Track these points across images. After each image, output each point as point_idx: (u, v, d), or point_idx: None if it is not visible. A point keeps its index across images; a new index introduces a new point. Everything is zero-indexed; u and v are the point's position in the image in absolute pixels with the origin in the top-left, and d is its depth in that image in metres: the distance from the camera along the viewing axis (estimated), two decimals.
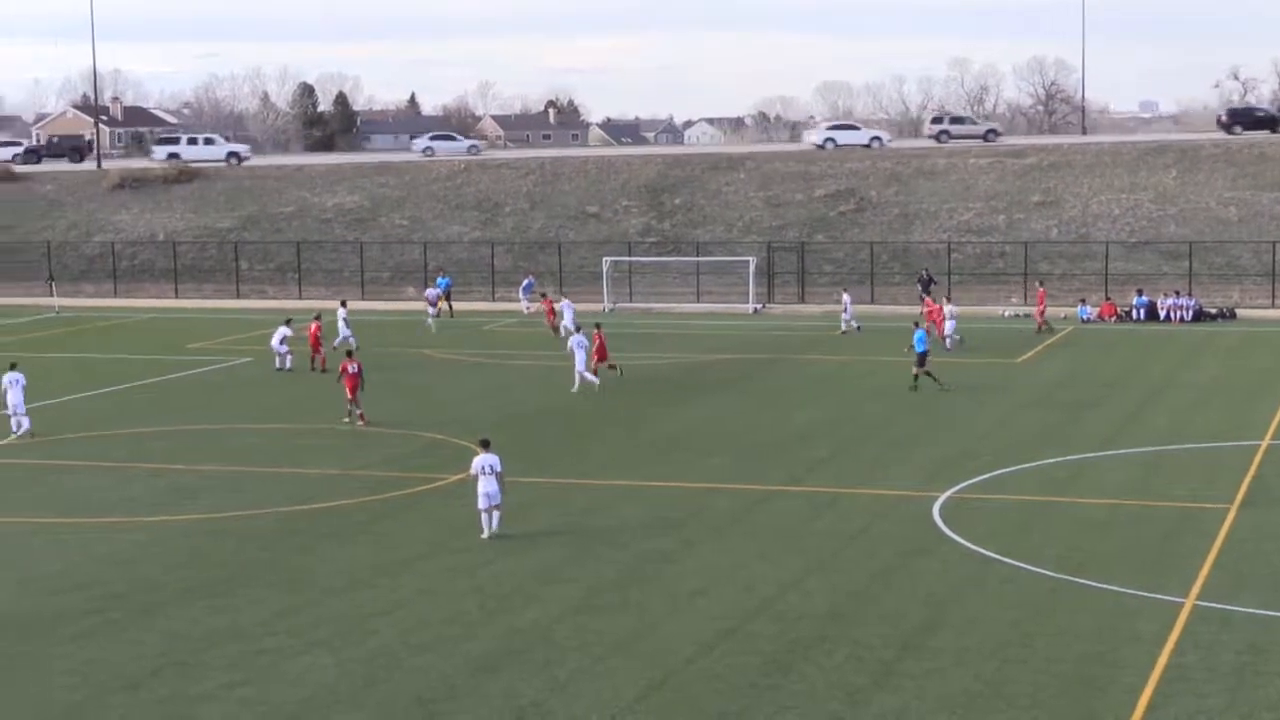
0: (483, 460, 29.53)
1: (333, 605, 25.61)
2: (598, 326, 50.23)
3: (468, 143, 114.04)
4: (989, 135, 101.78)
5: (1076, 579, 26.46)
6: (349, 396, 42.29)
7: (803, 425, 41.75)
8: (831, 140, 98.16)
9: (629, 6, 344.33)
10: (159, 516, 32.18)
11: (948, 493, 33.12)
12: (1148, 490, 33.49)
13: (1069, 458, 37.04)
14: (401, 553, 28.94)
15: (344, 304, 59.74)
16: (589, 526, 30.91)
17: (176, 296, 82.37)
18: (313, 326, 52.06)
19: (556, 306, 61.76)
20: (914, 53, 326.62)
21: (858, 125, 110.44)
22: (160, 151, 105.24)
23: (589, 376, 47.27)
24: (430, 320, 65.03)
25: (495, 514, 29.59)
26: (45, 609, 25.69)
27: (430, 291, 68.08)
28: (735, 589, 26.24)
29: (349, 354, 43.88)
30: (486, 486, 29.39)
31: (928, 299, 59.62)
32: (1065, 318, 66.45)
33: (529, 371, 52.75)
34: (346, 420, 42.33)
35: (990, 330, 63.91)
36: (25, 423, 41.23)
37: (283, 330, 52.61)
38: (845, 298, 63.93)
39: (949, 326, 56.74)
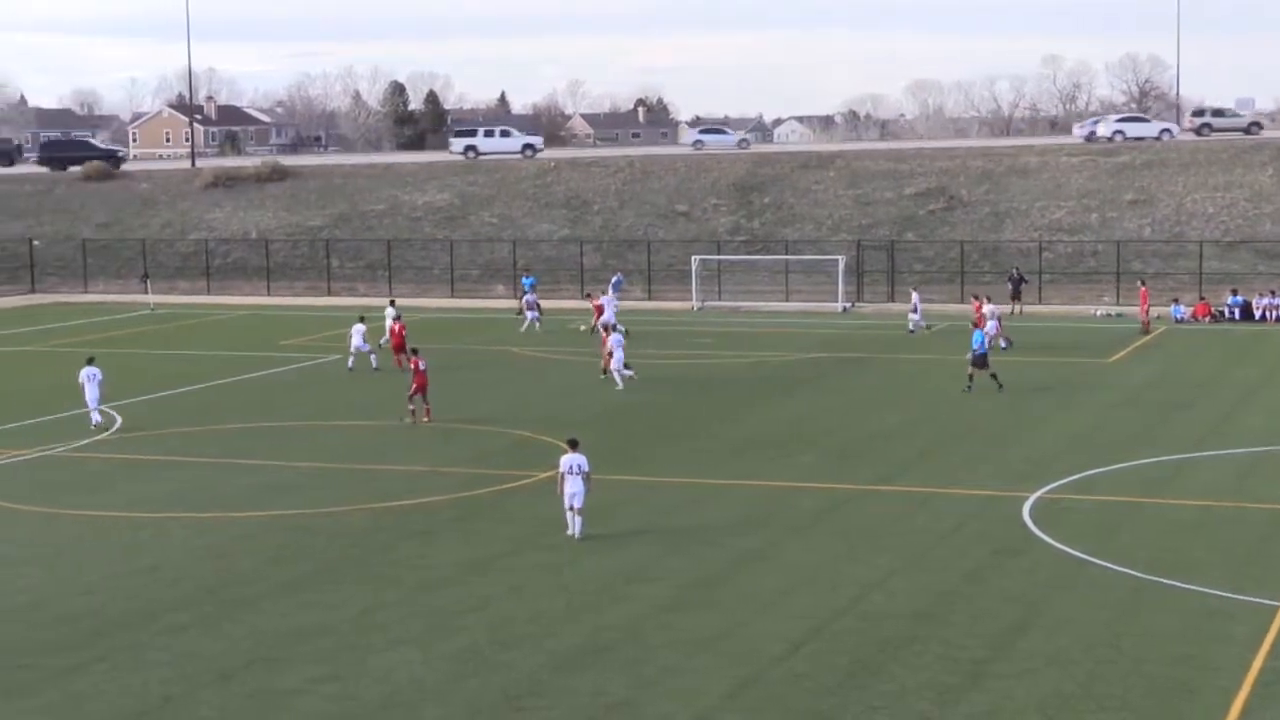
0: (570, 460, 29.48)
1: (421, 602, 25.77)
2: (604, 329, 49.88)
3: (737, 136, 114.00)
4: (1251, 128, 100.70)
5: (1168, 580, 26.19)
6: (414, 393, 42.24)
7: (892, 424, 41.57)
8: (1120, 133, 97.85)
9: (719, 5, 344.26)
10: (251, 512, 32.52)
11: (1038, 493, 32.87)
12: (1241, 492, 33.08)
13: (1161, 458, 36.65)
14: (489, 550, 29.07)
15: (393, 303, 59.73)
16: (676, 525, 30.91)
17: (269, 294, 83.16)
18: (396, 326, 52.07)
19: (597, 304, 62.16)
20: (1006, 50, 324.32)
21: (1148, 117, 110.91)
22: (458, 144, 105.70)
23: (625, 372, 47.69)
24: (532, 320, 63.97)
25: (579, 517, 29.51)
26: (142, 602, 26.02)
27: (528, 297, 66.68)
28: (823, 588, 26.16)
29: (415, 351, 43.82)
30: (573, 486, 29.36)
31: (976, 302, 58.15)
32: (1159, 317, 65.69)
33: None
34: (409, 419, 42.32)
35: (1082, 330, 63.37)
36: (96, 418, 41.81)
37: (360, 328, 52.53)
38: (915, 297, 63.06)
39: (990, 327, 54.55)
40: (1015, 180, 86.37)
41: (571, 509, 29.48)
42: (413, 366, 42.71)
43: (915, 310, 61.88)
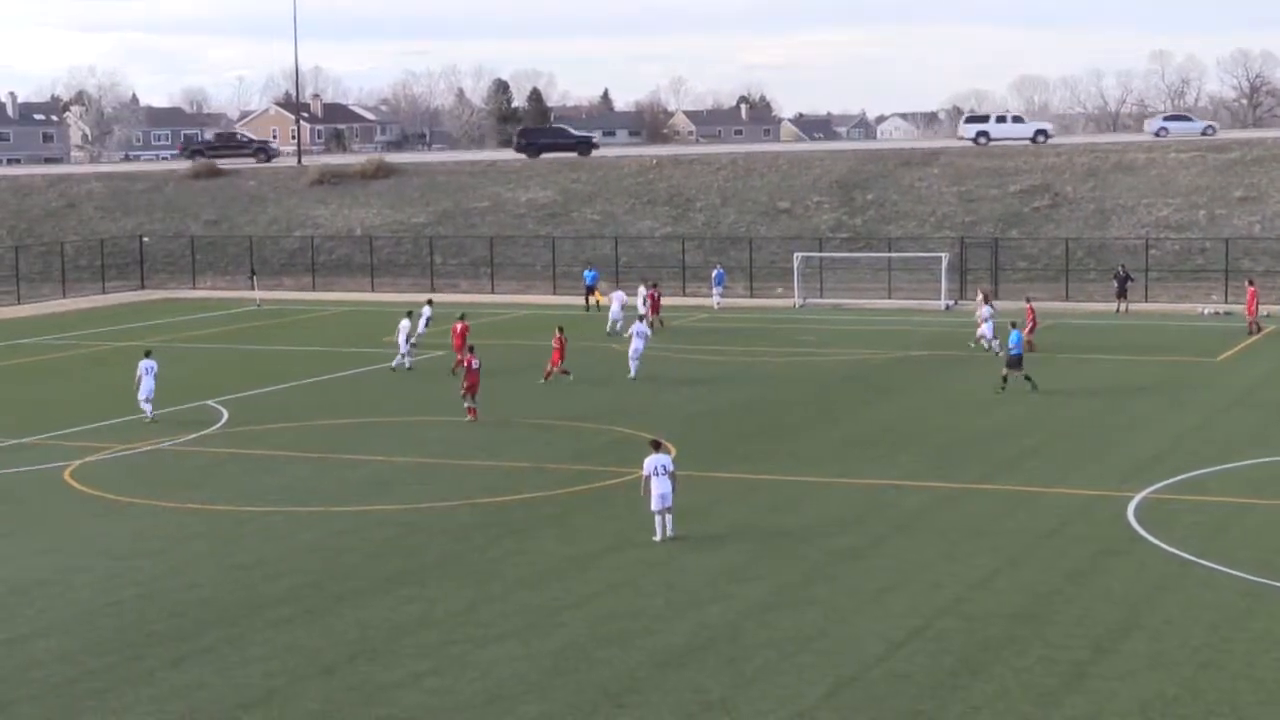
0: (655, 461, 29.14)
1: (522, 597, 25.92)
2: (559, 330, 49.69)
3: (1203, 124, 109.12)
4: None
5: (1277, 584, 25.82)
6: (465, 391, 42.36)
7: (995, 423, 41.27)
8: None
9: (823, 2, 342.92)
10: (355, 506, 32.83)
11: (1143, 493, 32.52)
12: None
13: (1270, 459, 36.13)
14: (591, 546, 29.17)
15: (430, 302, 59.78)
16: (776, 523, 30.87)
17: (373, 290, 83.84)
18: (458, 326, 51.17)
19: (604, 300, 63.39)
20: (1112, 46, 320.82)
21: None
22: (969, 130, 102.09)
23: (633, 363, 48.72)
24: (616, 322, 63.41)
25: (668, 516, 29.24)
26: (247, 595, 26.36)
27: (618, 294, 66.32)
28: (924, 587, 26.03)
29: (471, 349, 43.81)
30: (661, 487, 29.00)
31: (1028, 304, 56.36)
32: (1268, 316, 64.73)
33: (718, 366, 52.81)
34: (470, 417, 42.36)
35: (1190, 329, 62.56)
36: (148, 409, 42.44)
37: (405, 324, 52.27)
38: (984, 309, 55.13)
39: (987, 329, 53.70)
40: (1121, 177, 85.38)
41: (661, 512, 29.16)
42: (465, 365, 42.80)
43: (986, 322, 54.32)
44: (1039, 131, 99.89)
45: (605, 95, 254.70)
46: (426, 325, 56.76)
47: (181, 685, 21.95)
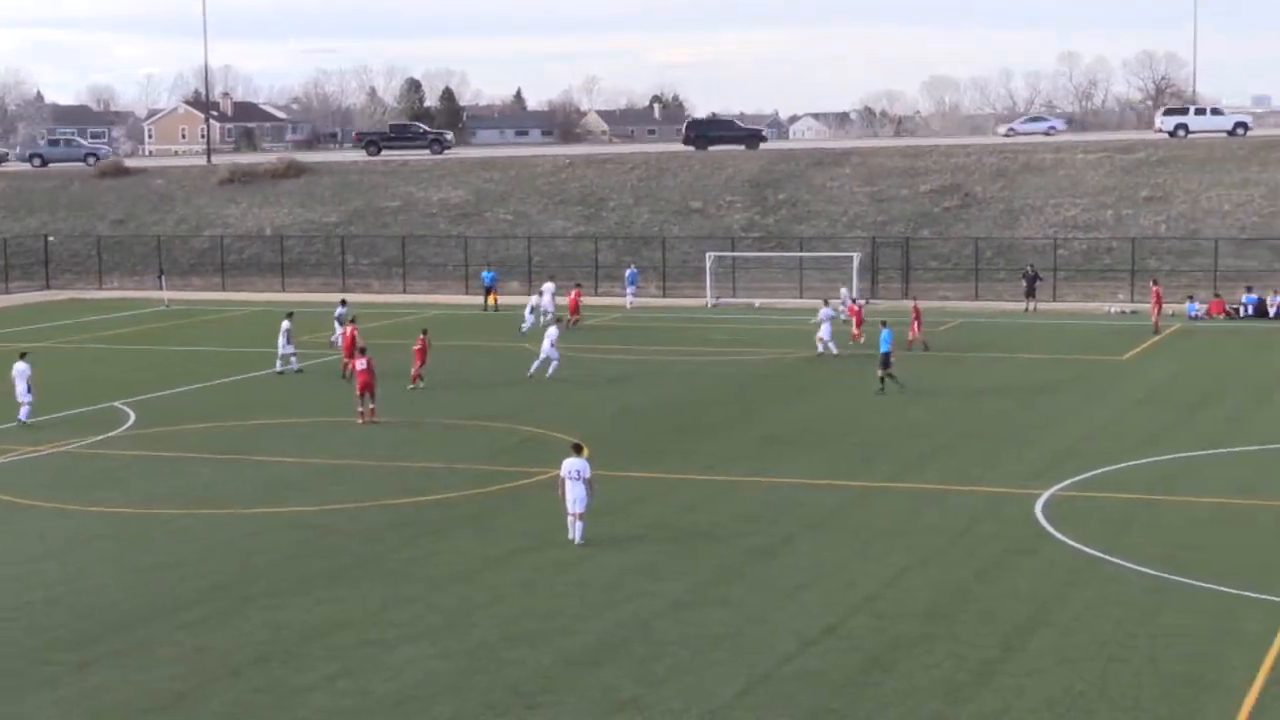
0: (570, 465, 28.83)
1: (435, 598, 25.83)
2: (423, 332, 49.45)
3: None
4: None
5: (1181, 579, 26.16)
6: (360, 392, 41.98)
7: (907, 422, 41.56)
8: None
9: (736, 2, 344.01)
10: (266, 508, 32.59)
11: (1051, 490, 32.86)
12: (1255, 490, 33.04)
13: (1175, 456, 36.62)
14: (504, 546, 29.11)
15: (344, 302, 59.47)
16: (691, 522, 30.93)
17: (283, 290, 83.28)
18: (348, 330, 49.89)
19: (534, 299, 64.03)
20: (1022, 47, 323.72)
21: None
22: (1168, 122, 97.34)
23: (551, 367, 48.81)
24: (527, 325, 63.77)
25: (579, 524, 28.94)
26: (155, 598, 26.10)
27: (544, 290, 66.92)
28: (836, 585, 26.18)
29: (362, 351, 43.37)
30: (575, 491, 28.78)
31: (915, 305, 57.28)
32: (1174, 315, 65.63)
33: (633, 365, 52.86)
34: (359, 421, 42.00)
35: (1097, 328, 63.28)
36: (24, 412, 42.11)
37: (287, 325, 51.60)
38: (823, 311, 55.34)
39: (824, 331, 53.89)
40: (1030, 177, 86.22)
41: (573, 514, 29.05)
42: (353, 368, 42.53)
43: (825, 321, 54.56)
44: (1238, 124, 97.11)
45: (518, 95, 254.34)
46: (340, 324, 56.04)
47: (88, 689, 21.69)
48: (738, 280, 76.92)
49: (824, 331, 53.77)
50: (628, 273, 74.48)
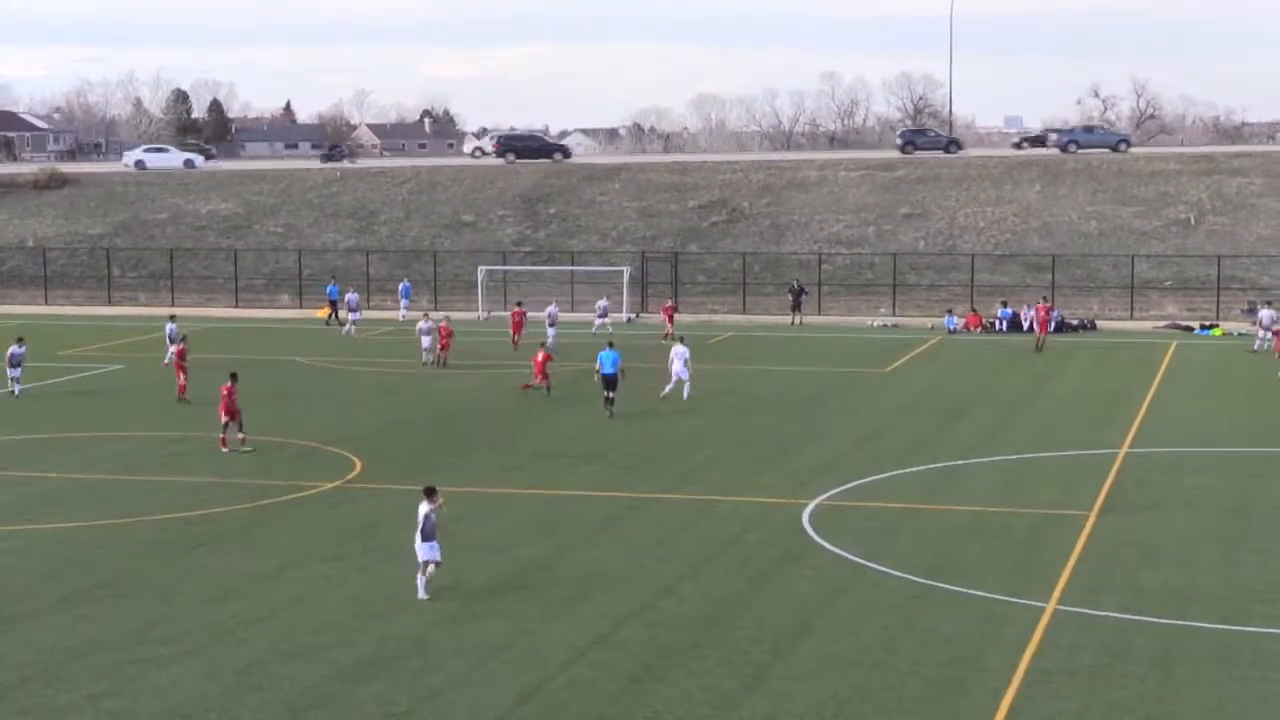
0: (420, 509, 26.59)
1: (205, 614, 25.49)
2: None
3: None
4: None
5: (943, 584, 26.95)
6: (228, 419, 39.67)
7: (679, 434, 42.07)
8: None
9: (507, 18, 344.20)
10: (28, 525, 31.81)
11: (818, 500, 33.58)
12: (1012, 497, 34.16)
13: (936, 465, 37.68)
14: (275, 561, 28.84)
15: (173, 318, 58.35)
16: (465, 535, 30.87)
17: (46, 303, 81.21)
18: (181, 347, 49.01)
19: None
20: (787, 66, 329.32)
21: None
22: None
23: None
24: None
25: (428, 570, 26.44)
26: None
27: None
28: (609, 595, 26.43)
29: (233, 376, 40.82)
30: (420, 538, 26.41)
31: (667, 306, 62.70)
32: (933, 328, 67.51)
33: (405, 379, 52.66)
34: (246, 448, 39.57)
35: (861, 340, 64.73)
36: None
37: (15, 350, 49.39)
38: (602, 303, 65.96)
39: (550, 334, 57.85)
40: (795, 194, 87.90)
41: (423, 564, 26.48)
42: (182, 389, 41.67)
43: (603, 315, 60.85)
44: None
45: (288, 107, 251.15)
46: (172, 341, 53.91)
47: None
48: (509, 294, 77.03)
49: (550, 335, 55.05)
50: (401, 286, 74.37)
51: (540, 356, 47.92)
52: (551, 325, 60.86)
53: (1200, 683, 22.03)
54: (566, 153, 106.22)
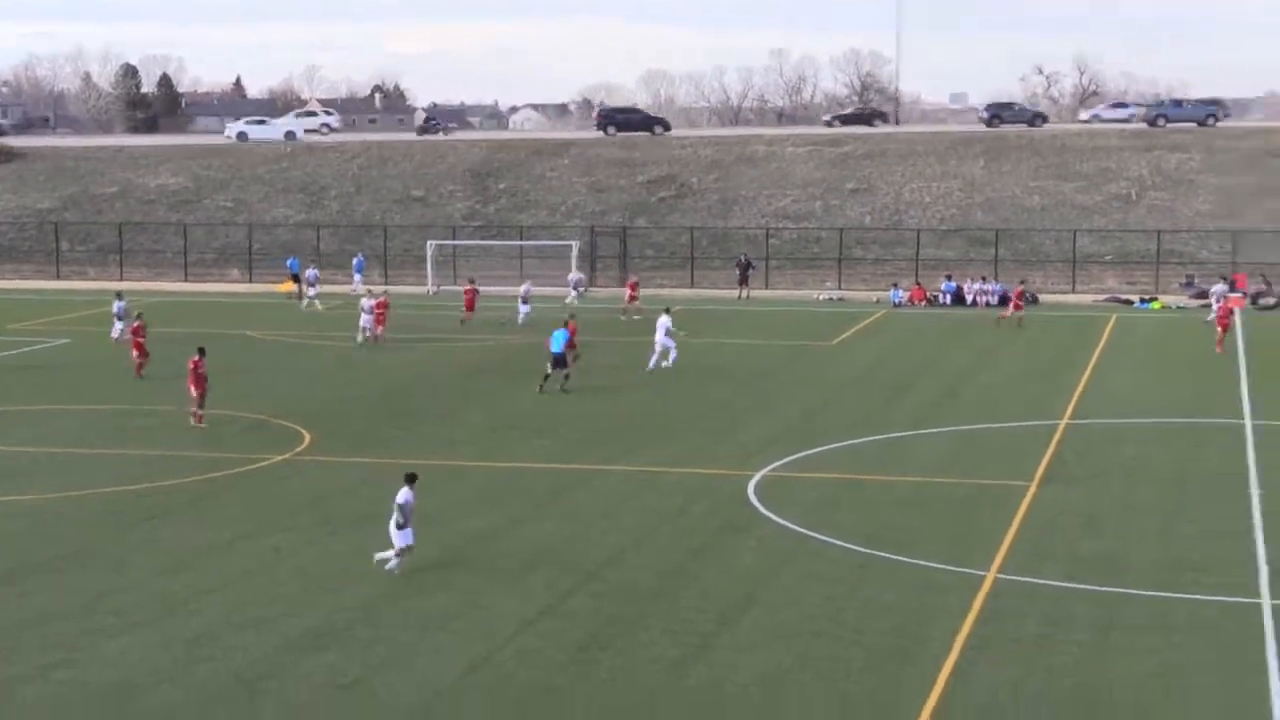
0: (400, 495, 26.46)
1: (156, 585, 25.67)
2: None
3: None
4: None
5: (886, 554, 27.35)
6: (200, 394, 39.49)
7: (626, 407, 42.38)
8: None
9: None
10: None
11: (763, 471, 33.95)
12: (955, 468, 34.62)
13: (880, 437, 38.11)
14: (225, 533, 29.01)
15: (120, 295, 57.60)
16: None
17: None
18: (135, 325, 48.33)
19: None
20: (735, 43, 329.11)
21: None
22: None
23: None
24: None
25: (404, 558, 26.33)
26: None
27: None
28: (557, 566, 26.72)
29: (200, 351, 40.60)
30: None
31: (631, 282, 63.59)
32: (878, 301, 68.06)
33: (355, 352, 52.73)
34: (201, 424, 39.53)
35: (807, 313, 65.16)
36: None
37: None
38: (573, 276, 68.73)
39: (523, 310, 58.95)
40: (743, 169, 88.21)
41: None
42: (140, 366, 41.56)
43: (524, 302, 60.32)
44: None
45: (238, 81, 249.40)
46: (119, 319, 53.73)
47: None
48: (459, 268, 77.11)
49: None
50: (355, 260, 74.43)
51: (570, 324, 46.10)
52: (524, 303, 60.73)
53: (1138, 649, 22.52)
54: (667, 126, 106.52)
